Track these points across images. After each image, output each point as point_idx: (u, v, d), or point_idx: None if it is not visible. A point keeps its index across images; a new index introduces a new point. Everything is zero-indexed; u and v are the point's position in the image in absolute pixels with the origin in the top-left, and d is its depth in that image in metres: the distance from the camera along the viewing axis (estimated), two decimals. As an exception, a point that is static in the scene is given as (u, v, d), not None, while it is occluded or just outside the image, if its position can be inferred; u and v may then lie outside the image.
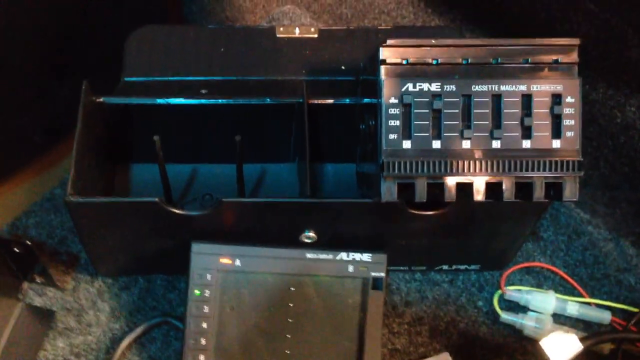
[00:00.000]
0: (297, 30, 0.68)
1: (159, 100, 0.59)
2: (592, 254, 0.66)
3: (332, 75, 0.66)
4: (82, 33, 0.67)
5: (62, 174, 0.67)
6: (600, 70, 0.64)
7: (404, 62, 0.46)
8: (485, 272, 0.64)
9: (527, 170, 0.46)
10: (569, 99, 0.46)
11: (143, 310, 0.60)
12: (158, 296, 0.61)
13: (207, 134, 0.62)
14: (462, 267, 0.64)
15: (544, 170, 0.46)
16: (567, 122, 0.46)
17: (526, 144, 0.46)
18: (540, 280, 0.64)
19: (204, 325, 0.54)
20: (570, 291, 0.63)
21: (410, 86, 0.46)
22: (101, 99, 0.58)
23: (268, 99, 0.60)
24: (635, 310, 0.61)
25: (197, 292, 0.54)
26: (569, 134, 0.46)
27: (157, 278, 0.62)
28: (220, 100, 0.59)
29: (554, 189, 0.47)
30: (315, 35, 0.68)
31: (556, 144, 0.46)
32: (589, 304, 0.62)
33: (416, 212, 0.54)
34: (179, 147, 0.63)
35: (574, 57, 0.46)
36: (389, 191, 0.47)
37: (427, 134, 0.46)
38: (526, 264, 0.64)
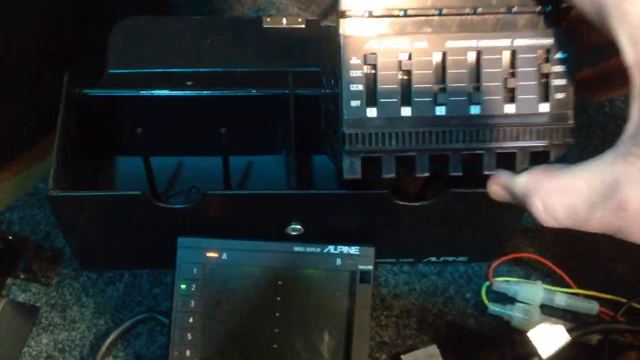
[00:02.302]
0: (284, 21, 0.67)
1: (143, 92, 0.58)
2: (580, 245, 0.66)
3: (319, 67, 0.65)
4: (68, 25, 0.66)
5: (46, 169, 0.66)
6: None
7: (367, 14, 0.40)
8: (473, 263, 0.64)
9: (510, 139, 0.41)
10: (559, 55, 0.41)
11: (128, 306, 0.59)
12: (143, 291, 0.60)
13: (193, 126, 0.62)
14: (450, 258, 0.63)
15: (530, 139, 0.41)
16: (556, 82, 0.41)
17: (509, 108, 0.41)
18: (529, 271, 0.64)
19: (190, 320, 0.54)
20: (559, 282, 0.63)
21: (374, 44, 0.40)
22: (84, 91, 0.57)
23: (254, 91, 0.59)
24: (624, 300, 0.61)
25: (183, 286, 0.54)
26: (559, 95, 0.41)
27: (143, 273, 0.61)
28: (205, 92, 0.59)
29: (540, 158, 0.42)
30: (303, 26, 0.67)
31: (544, 107, 0.41)
32: (576, 294, 0.62)
33: (403, 203, 0.53)
34: (164, 139, 0.62)
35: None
36: (351, 167, 0.42)
37: (395, 100, 0.40)
38: (514, 255, 0.64)
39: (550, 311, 0.62)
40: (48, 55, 0.65)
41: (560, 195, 0.37)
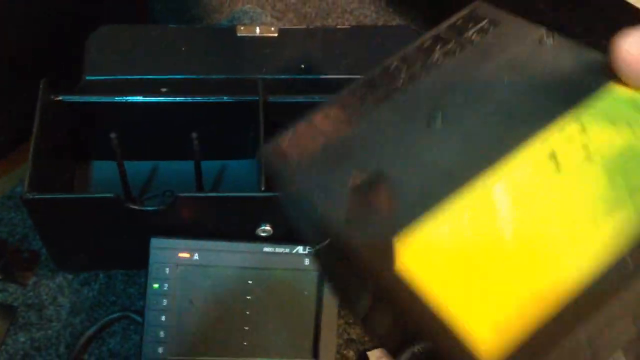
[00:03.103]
0: (257, 30, 0.69)
1: (117, 98, 0.60)
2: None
3: (292, 74, 0.67)
4: (45, 34, 0.68)
5: (24, 173, 0.68)
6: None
7: None
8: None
9: None
10: None
11: (103, 305, 0.61)
12: (118, 291, 0.62)
13: (167, 132, 0.63)
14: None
15: None
16: None
17: None
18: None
19: (163, 318, 0.55)
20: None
21: None
22: (59, 97, 0.59)
23: (225, 97, 0.61)
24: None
25: (155, 285, 0.56)
26: None
27: (118, 273, 0.63)
28: (178, 98, 0.60)
29: None
30: (276, 35, 0.69)
31: None
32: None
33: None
34: (139, 144, 0.64)
35: None
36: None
37: None
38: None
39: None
40: (25, 64, 0.66)
41: None
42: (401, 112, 0.29)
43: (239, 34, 0.69)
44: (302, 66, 0.68)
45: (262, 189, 0.56)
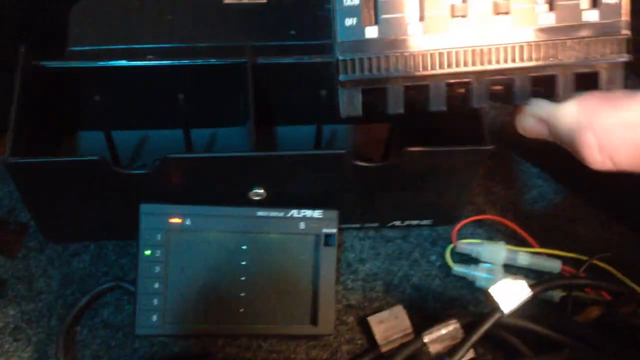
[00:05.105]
0: (245, -3, 0.68)
1: (100, 63, 0.58)
2: (542, 206, 0.67)
3: (282, 41, 0.66)
4: (26, 3, 0.66)
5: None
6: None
7: None
8: (438, 227, 0.65)
9: (548, 57, 0.32)
10: None
11: (95, 276, 0.59)
12: (110, 262, 0.60)
13: (155, 99, 0.62)
14: (415, 222, 0.64)
15: (573, 57, 0.33)
16: None
17: (547, 19, 0.33)
18: (492, 233, 0.65)
19: (156, 285, 0.54)
20: (521, 243, 0.64)
21: None
22: (40, 63, 0.57)
23: (212, 60, 0.59)
24: (585, 258, 0.62)
25: (147, 252, 0.54)
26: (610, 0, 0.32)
27: (109, 244, 0.61)
28: (164, 62, 0.59)
29: (587, 82, 0.34)
30: (264, 1, 0.67)
31: (590, 16, 0.33)
32: (539, 254, 0.63)
33: (361, 163, 0.54)
34: (125, 112, 0.62)
35: None
36: (350, 102, 0.35)
37: (401, 15, 0.32)
38: (477, 217, 0.65)
39: (513, 271, 0.62)
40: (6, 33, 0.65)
41: (625, 131, 0.30)
42: None
43: (225, 1, 0.67)
44: (293, 32, 0.66)
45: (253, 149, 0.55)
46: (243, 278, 0.56)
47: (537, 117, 0.34)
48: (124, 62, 0.58)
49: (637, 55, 0.34)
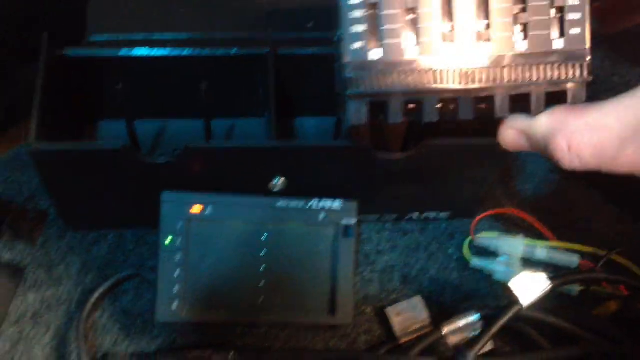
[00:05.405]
0: (265, -13, 0.68)
1: (122, 52, 0.58)
2: (559, 200, 0.67)
3: (299, 32, 0.66)
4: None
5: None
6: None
7: None
8: (455, 220, 0.65)
9: (524, 79, 0.39)
10: None
11: (114, 264, 0.60)
12: (128, 251, 0.61)
13: (175, 89, 0.62)
14: (432, 215, 0.64)
15: (545, 78, 0.39)
16: (571, 16, 0.39)
17: (522, 46, 0.39)
18: (510, 227, 0.65)
19: (176, 273, 0.54)
20: (539, 237, 0.63)
21: None
22: (63, 52, 0.57)
23: (235, 49, 0.60)
24: (603, 253, 0.62)
25: (168, 240, 0.54)
26: (575, 31, 0.39)
27: (128, 233, 0.61)
28: (185, 52, 0.59)
29: (557, 99, 0.40)
30: (284, -9, 0.68)
31: (559, 44, 0.39)
32: (557, 248, 0.63)
33: (382, 156, 0.54)
34: (146, 102, 0.62)
35: None
36: (357, 113, 0.40)
37: (400, 40, 0.39)
38: (495, 211, 0.65)
39: (531, 265, 0.62)
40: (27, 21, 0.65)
41: (589, 133, 0.35)
42: None
43: (246, -9, 0.67)
44: (310, 25, 0.66)
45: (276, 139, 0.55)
46: (262, 268, 0.56)
47: (516, 129, 0.39)
48: (145, 51, 0.58)
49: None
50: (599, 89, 0.63)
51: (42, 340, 0.56)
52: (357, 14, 0.39)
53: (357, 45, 0.39)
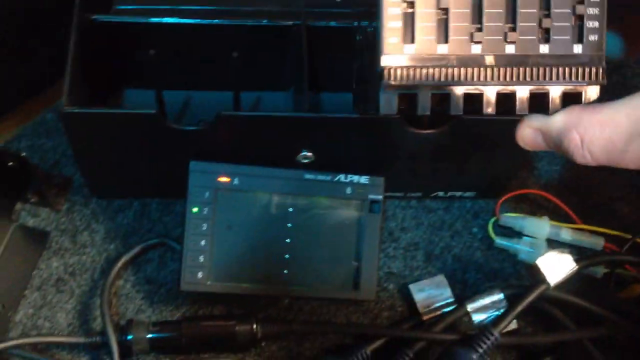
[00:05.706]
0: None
1: (152, 19, 0.58)
2: (585, 183, 0.67)
3: (328, 8, 0.65)
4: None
5: (53, 100, 0.66)
6: None
7: None
8: (480, 200, 0.65)
9: (544, 78, 0.42)
10: None
11: (138, 232, 0.59)
12: (153, 219, 0.60)
13: (203, 59, 0.62)
14: (458, 194, 0.64)
15: (563, 78, 0.42)
16: (590, 24, 0.42)
17: (544, 49, 0.42)
18: (535, 208, 0.65)
19: (202, 242, 0.54)
20: (564, 219, 0.63)
21: None
22: (93, 18, 0.57)
23: (265, 20, 0.59)
24: (629, 236, 0.62)
25: (195, 209, 0.54)
26: (593, 37, 0.42)
27: (153, 202, 0.61)
28: (215, 21, 0.58)
29: (573, 99, 0.43)
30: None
31: (578, 49, 0.42)
32: (582, 230, 0.63)
33: (414, 130, 0.54)
34: (174, 72, 0.62)
35: None
36: (388, 103, 0.43)
37: (433, 37, 0.42)
38: (521, 192, 0.64)
39: (556, 246, 0.62)
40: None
41: (600, 128, 0.38)
42: None
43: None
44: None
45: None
46: (288, 240, 0.56)
47: (533, 127, 0.42)
48: (175, 19, 0.58)
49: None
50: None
51: (65, 306, 0.56)
52: (395, 10, 0.41)
53: (393, 40, 0.41)
